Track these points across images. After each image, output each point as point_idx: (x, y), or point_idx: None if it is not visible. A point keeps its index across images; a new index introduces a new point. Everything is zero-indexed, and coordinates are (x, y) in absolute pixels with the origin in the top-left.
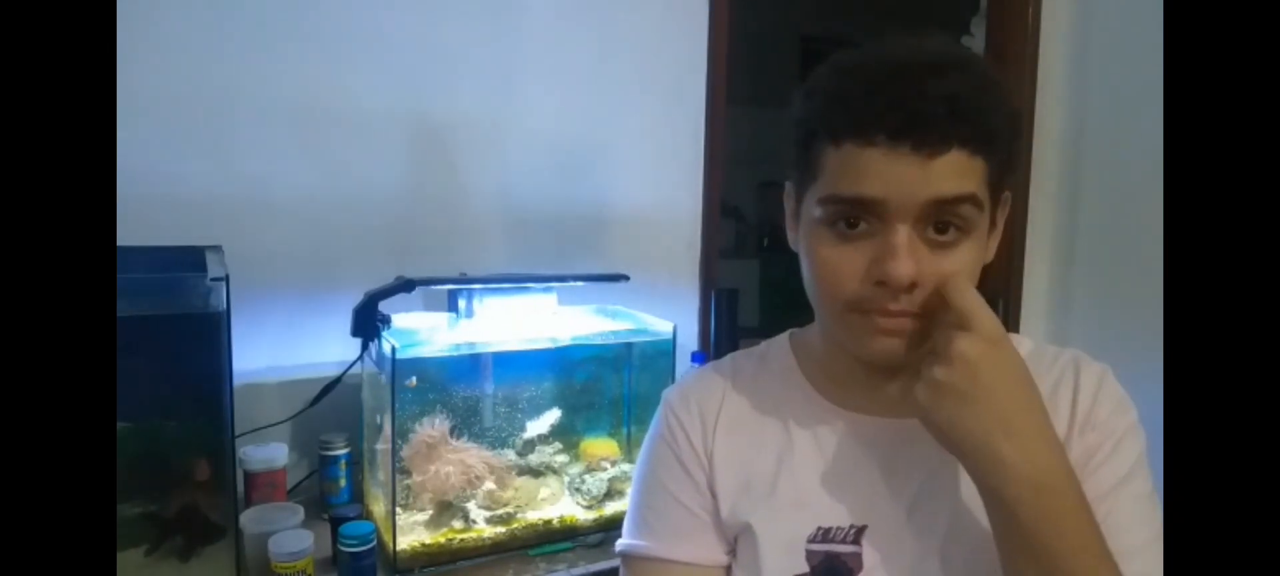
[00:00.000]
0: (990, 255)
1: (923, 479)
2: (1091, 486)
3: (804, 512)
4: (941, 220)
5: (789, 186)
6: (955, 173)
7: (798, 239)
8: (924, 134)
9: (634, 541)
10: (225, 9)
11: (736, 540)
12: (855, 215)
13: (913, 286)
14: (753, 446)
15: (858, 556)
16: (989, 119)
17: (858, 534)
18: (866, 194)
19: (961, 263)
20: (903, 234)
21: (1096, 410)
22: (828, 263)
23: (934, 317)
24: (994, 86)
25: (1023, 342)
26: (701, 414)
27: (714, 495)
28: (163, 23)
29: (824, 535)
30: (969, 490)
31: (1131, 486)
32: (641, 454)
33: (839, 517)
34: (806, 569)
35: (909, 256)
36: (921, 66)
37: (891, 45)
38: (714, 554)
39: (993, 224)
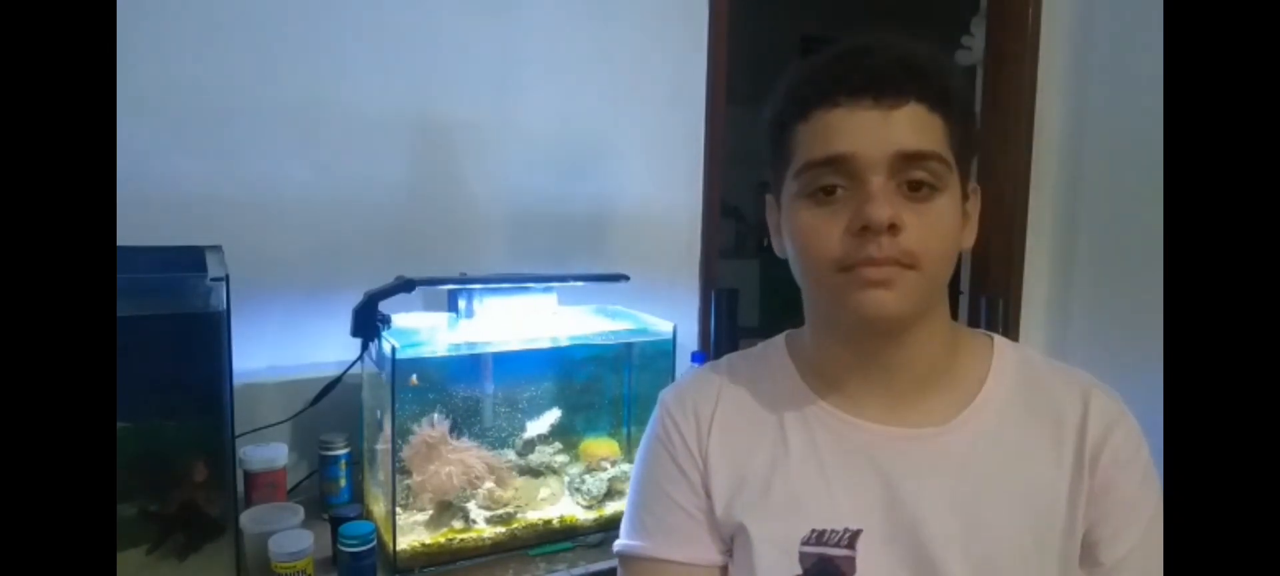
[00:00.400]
0: (968, 242)
1: (920, 488)
2: (1122, 537)
3: (798, 514)
4: (913, 177)
5: (769, 198)
6: (916, 126)
7: (782, 239)
8: (882, 88)
9: (630, 542)
10: (225, 9)
11: (732, 540)
12: (831, 180)
13: (893, 229)
14: (747, 447)
15: (851, 560)
16: (943, 77)
17: (852, 538)
18: (836, 151)
19: (939, 218)
20: (877, 183)
21: (1112, 447)
22: (810, 228)
23: (920, 270)
24: (948, 62)
25: (1033, 356)
26: (696, 414)
27: (709, 495)
28: (163, 23)
29: (818, 537)
30: (967, 503)
31: (1158, 536)
32: (638, 455)
33: (833, 520)
34: (800, 570)
35: (886, 201)
36: (875, 41)
37: (849, 38)
38: (710, 554)
39: (965, 206)
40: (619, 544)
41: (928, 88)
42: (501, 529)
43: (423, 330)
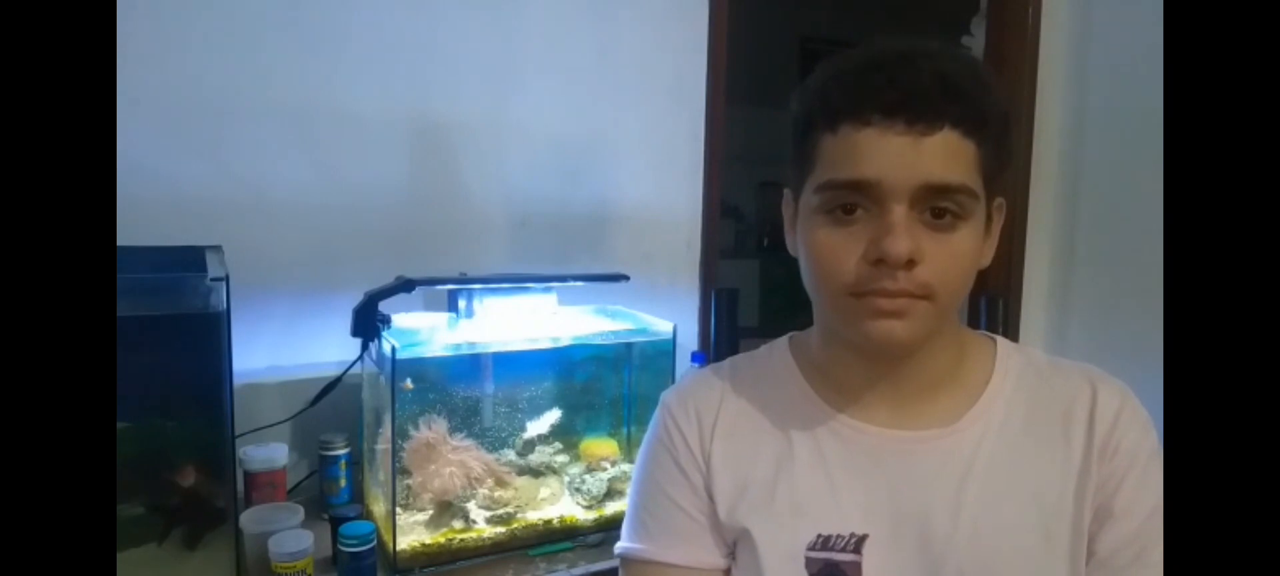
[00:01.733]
0: (986, 260)
1: (926, 490)
2: (1124, 521)
3: (803, 520)
4: (937, 206)
5: (787, 193)
6: (948, 154)
7: (796, 241)
8: (917, 110)
9: (632, 544)
10: (225, 9)
11: (735, 544)
12: (852, 200)
13: (911, 263)
14: (751, 450)
15: (858, 565)
16: (981, 101)
17: (858, 543)
18: (862, 176)
19: (959, 249)
20: (899, 213)
21: (1119, 434)
22: (826, 247)
23: (934, 301)
24: (986, 76)
25: (1036, 355)
26: (699, 417)
27: (711, 498)
28: (162, 23)
29: (824, 543)
30: (974, 503)
31: (1159, 523)
32: (639, 456)
33: (839, 525)
34: None
35: (906, 233)
36: (915, 51)
37: (886, 40)
38: (712, 557)
39: (988, 228)
40: (620, 545)
41: (965, 112)
42: (501, 529)
43: (423, 330)
